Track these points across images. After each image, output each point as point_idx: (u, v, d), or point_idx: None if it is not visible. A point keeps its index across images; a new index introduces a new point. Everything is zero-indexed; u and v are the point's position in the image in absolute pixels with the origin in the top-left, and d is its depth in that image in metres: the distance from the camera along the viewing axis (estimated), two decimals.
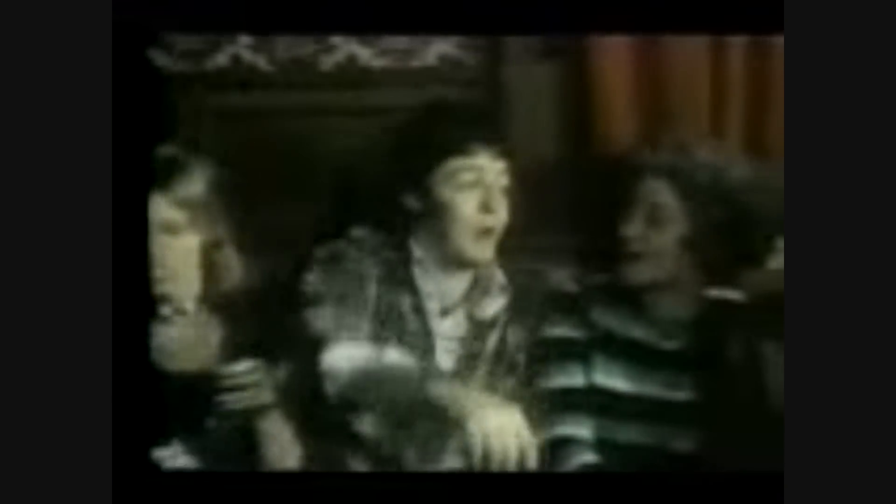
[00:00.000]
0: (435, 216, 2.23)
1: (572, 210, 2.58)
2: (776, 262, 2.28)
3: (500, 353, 2.31)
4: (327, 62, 2.62)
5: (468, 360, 2.29)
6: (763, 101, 2.59)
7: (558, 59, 2.61)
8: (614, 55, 2.57)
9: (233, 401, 2.08)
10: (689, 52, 2.56)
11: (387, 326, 2.25)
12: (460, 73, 2.63)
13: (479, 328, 2.30)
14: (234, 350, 2.17)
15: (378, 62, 2.62)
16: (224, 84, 2.62)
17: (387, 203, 2.31)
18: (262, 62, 2.63)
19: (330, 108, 2.61)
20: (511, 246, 2.32)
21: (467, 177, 2.19)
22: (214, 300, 2.23)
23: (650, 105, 2.59)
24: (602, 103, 2.56)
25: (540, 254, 2.47)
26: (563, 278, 2.41)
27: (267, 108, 2.62)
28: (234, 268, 2.23)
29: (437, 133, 2.22)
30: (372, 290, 2.24)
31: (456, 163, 2.19)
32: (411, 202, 2.24)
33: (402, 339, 2.25)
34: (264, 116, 2.61)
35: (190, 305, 2.22)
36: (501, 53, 2.61)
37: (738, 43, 2.56)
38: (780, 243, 2.25)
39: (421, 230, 2.27)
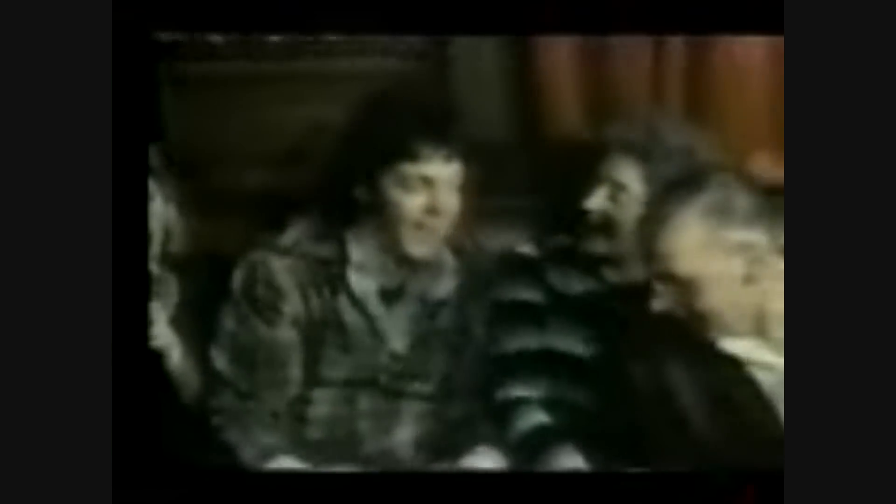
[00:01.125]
0: (380, 211, 2.23)
1: (534, 178, 2.63)
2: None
3: (457, 329, 2.34)
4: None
5: (422, 339, 2.30)
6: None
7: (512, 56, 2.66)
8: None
9: None
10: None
11: (325, 331, 2.26)
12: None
13: (430, 308, 2.32)
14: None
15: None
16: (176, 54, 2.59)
17: (335, 191, 2.30)
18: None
19: (279, 77, 2.62)
20: (471, 209, 2.32)
21: (416, 181, 2.19)
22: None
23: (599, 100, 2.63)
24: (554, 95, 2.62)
25: (499, 217, 2.50)
26: (520, 241, 2.46)
27: (220, 78, 2.62)
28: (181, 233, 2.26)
29: (388, 133, 2.21)
30: (295, 303, 2.25)
31: (406, 166, 2.19)
32: (360, 194, 2.24)
33: (343, 337, 2.26)
34: (217, 86, 2.60)
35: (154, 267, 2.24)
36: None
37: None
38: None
39: (364, 223, 2.27)
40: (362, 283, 2.26)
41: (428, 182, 2.19)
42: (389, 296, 2.29)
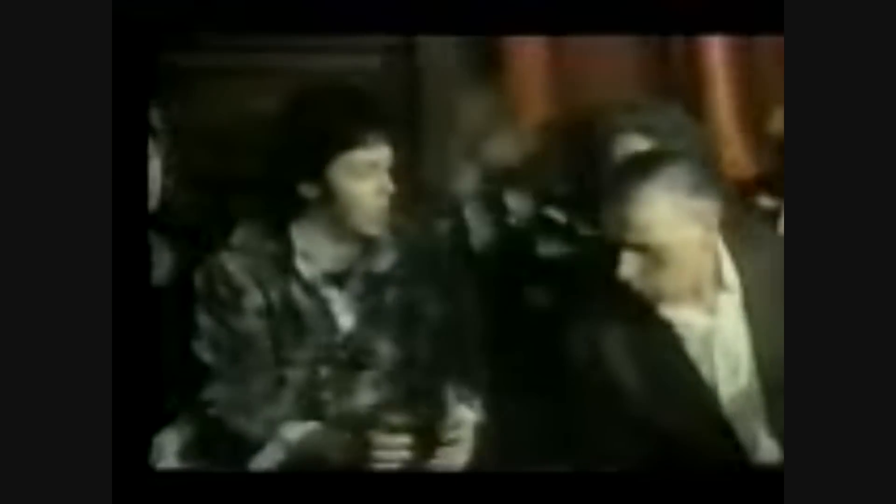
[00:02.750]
0: (329, 203, 2.31)
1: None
2: None
3: (404, 305, 2.41)
4: None
5: (369, 316, 2.38)
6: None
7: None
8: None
9: None
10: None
11: (285, 317, 2.35)
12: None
13: (375, 285, 2.39)
14: None
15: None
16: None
17: (278, 186, 2.36)
18: None
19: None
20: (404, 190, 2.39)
21: (365, 167, 2.29)
22: None
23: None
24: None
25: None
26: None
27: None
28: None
29: (333, 124, 2.29)
30: (255, 297, 2.35)
31: (354, 155, 2.28)
32: (306, 189, 2.32)
33: (300, 323, 2.35)
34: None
35: None
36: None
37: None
38: None
39: (308, 214, 2.35)
40: (309, 269, 2.36)
41: (374, 166, 2.29)
42: (336, 278, 2.37)
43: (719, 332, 2.18)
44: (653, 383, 2.19)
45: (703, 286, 2.16)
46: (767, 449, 2.19)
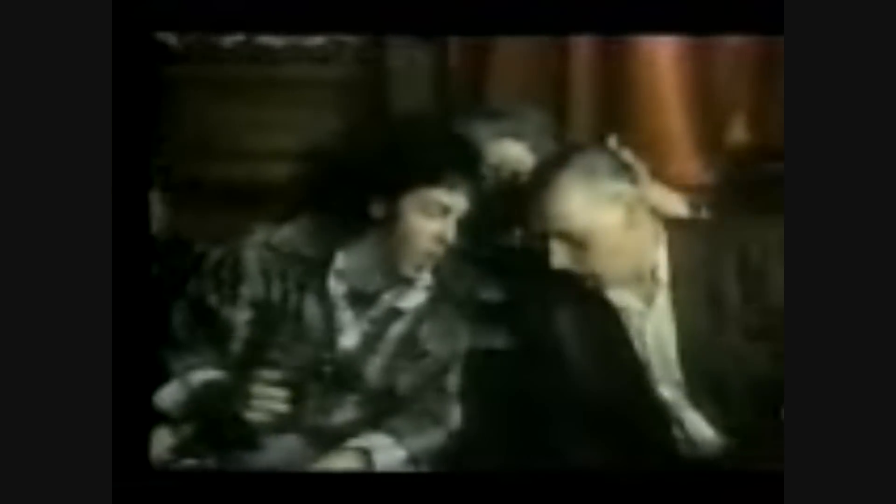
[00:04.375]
0: (389, 229, 2.29)
1: None
2: None
3: (406, 341, 2.37)
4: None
5: (372, 339, 2.35)
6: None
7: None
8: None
9: None
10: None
11: (282, 318, 2.34)
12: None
13: (390, 315, 2.37)
14: None
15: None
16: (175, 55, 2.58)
17: (347, 200, 2.34)
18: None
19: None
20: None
21: (436, 208, 2.26)
22: None
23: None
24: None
25: None
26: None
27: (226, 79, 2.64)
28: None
29: (420, 157, 2.28)
30: (256, 288, 2.34)
31: (433, 192, 2.25)
32: (375, 209, 2.30)
33: (297, 326, 2.33)
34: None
35: None
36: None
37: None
38: None
39: (364, 236, 2.33)
40: (337, 287, 2.33)
41: (446, 211, 2.26)
42: (359, 299, 2.35)
43: (652, 318, 2.25)
44: (599, 367, 2.28)
45: (643, 271, 2.24)
46: (708, 442, 2.24)
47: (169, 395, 2.29)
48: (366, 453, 2.29)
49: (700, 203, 2.49)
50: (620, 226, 2.18)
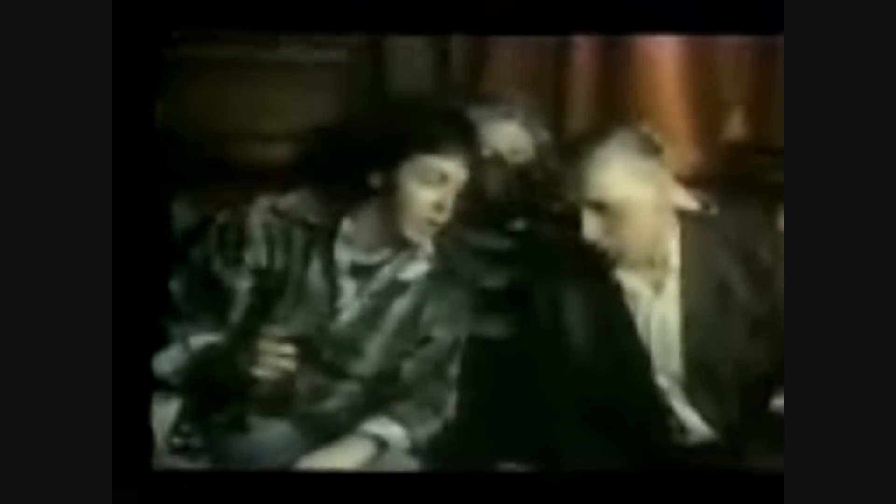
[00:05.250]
0: (390, 197, 2.32)
1: None
2: None
3: (406, 317, 2.39)
4: None
5: (371, 316, 2.37)
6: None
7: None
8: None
9: None
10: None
11: (284, 287, 2.34)
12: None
13: (391, 287, 2.38)
14: None
15: None
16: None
17: (345, 172, 2.38)
18: None
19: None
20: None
21: (434, 175, 2.29)
22: None
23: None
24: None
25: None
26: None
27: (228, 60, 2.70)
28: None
29: (418, 126, 2.32)
30: (260, 255, 2.34)
31: (429, 160, 2.29)
32: (374, 179, 2.33)
33: (300, 295, 2.34)
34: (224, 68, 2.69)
35: None
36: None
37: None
38: None
39: (367, 204, 2.35)
40: (343, 254, 2.35)
41: (444, 178, 2.29)
42: (361, 271, 2.37)
43: (659, 305, 2.29)
44: (602, 350, 2.32)
45: (655, 256, 2.28)
46: (698, 432, 2.28)
47: (169, 361, 2.29)
48: (381, 442, 2.31)
49: (707, 197, 2.52)
50: (650, 204, 2.23)
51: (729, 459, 2.21)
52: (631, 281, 2.29)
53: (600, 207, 2.21)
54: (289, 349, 2.21)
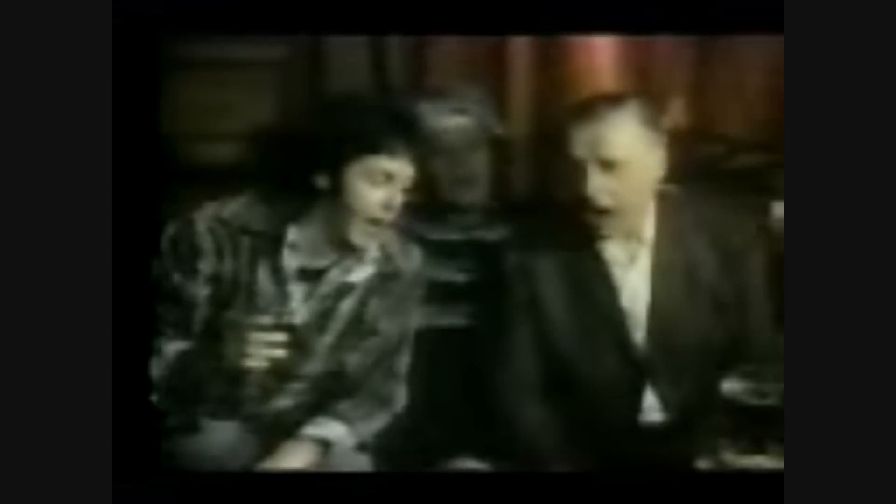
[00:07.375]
0: (336, 200, 2.32)
1: None
2: None
3: (353, 315, 2.41)
4: None
5: (320, 319, 2.39)
6: None
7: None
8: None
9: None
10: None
11: (235, 292, 2.35)
12: None
13: (340, 290, 2.40)
14: None
15: None
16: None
17: (293, 174, 2.39)
18: None
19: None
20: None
21: (380, 175, 2.30)
22: None
23: None
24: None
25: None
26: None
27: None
28: None
29: (362, 127, 2.32)
30: (211, 263, 2.35)
31: (375, 160, 2.29)
32: (321, 180, 2.33)
33: (250, 301, 2.35)
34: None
35: None
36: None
37: None
38: None
39: (313, 207, 2.36)
40: (290, 260, 2.36)
41: (390, 177, 2.30)
42: (310, 275, 2.38)
43: (633, 274, 2.42)
44: (576, 318, 2.42)
45: (635, 228, 2.40)
46: (652, 410, 2.39)
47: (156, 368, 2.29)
48: (323, 443, 2.34)
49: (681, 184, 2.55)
50: (652, 169, 2.36)
51: (679, 441, 2.26)
52: (610, 250, 2.41)
53: (606, 165, 2.30)
54: (279, 337, 2.20)
